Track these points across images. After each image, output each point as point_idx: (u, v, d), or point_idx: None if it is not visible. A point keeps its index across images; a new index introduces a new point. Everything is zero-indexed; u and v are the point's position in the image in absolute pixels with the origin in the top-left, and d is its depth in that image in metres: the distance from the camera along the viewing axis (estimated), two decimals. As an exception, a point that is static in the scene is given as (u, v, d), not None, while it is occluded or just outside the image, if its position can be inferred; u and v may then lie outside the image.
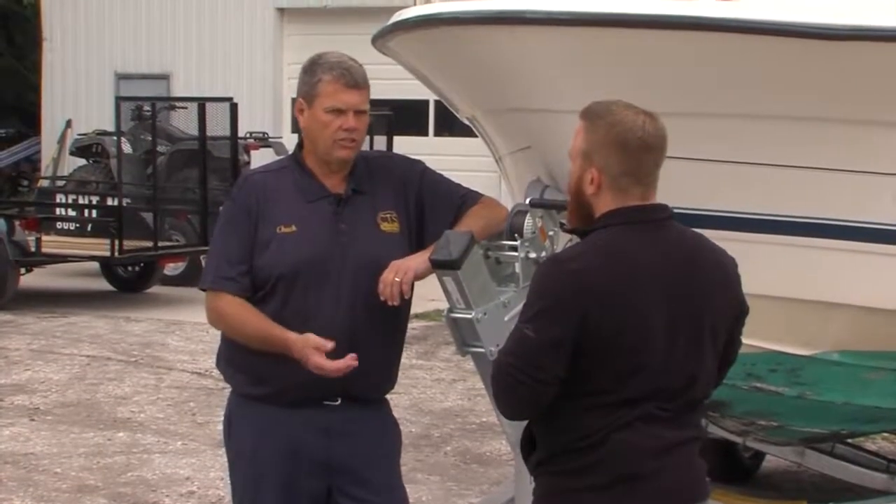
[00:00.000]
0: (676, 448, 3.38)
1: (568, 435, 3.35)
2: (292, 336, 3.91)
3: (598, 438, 3.31)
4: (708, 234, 3.59)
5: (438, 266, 4.02)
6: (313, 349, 3.87)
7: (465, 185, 4.26)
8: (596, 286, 3.28)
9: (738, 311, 3.52)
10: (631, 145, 3.35)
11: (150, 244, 13.97)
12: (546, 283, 3.35)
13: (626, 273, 3.32)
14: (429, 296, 4.23)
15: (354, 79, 4.00)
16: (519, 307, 4.31)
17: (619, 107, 3.41)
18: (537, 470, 3.47)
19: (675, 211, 3.49)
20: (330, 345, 3.86)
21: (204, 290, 4.07)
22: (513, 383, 3.31)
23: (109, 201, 14.67)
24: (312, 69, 4.04)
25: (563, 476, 3.38)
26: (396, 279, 3.90)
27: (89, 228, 14.71)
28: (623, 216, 3.37)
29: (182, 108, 16.00)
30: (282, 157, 4.46)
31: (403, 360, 4.25)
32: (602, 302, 3.28)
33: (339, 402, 4.03)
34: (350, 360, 3.88)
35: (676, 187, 3.68)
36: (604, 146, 3.36)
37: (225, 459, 4.30)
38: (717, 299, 3.43)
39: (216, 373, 4.32)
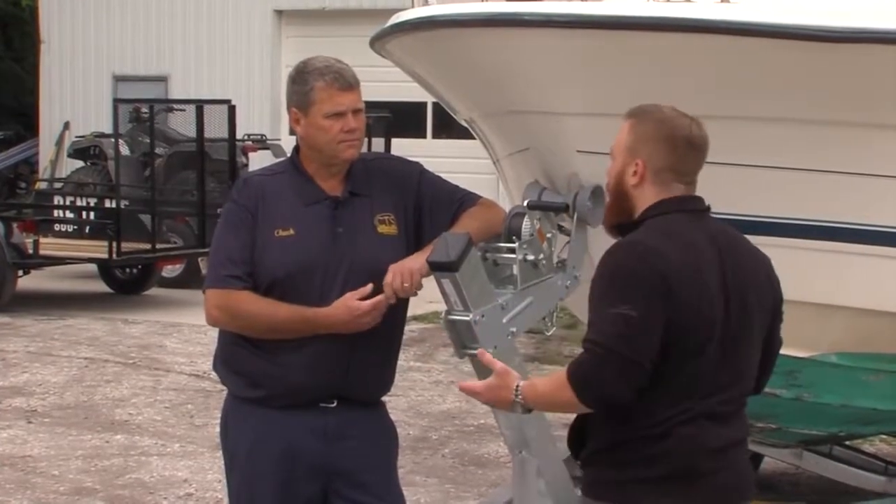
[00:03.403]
0: (733, 447, 3.46)
1: (634, 423, 3.37)
2: (323, 311, 3.91)
3: (663, 430, 3.35)
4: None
5: (436, 268, 4.01)
6: (354, 306, 3.89)
7: (463, 187, 4.26)
8: (673, 264, 3.34)
9: (776, 306, 3.60)
10: (678, 142, 3.47)
11: (147, 246, 13.95)
12: (628, 263, 3.37)
13: (693, 255, 3.39)
14: (427, 298, 4.23)
15: (347, 80, 4.01)
16: (517, 309, 4.32)
17: (666, 108, 3.54)
18: (593, 458, 3.48)
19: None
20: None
21: (204, 291, 4.03)
22: (620, 366, 3.27)
23: (107, 203, 14.63)
24: (302, 77, 4.05)
25: (622, 466, 3.41)
26: (405, 284, 3.91)
27: (87, 230, 14.66)
28: (675, 204, 3.48)
29: (180, 110, 15.98)
30: (279, 159, 4.45)
31: (401, 362, 4.25)
32: (681, 279, 3.33)
33: (335, 404, 4.03)
34: (380, 300, 3.91)
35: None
36: (651, 140, 3.48)
37: (223, 462, 4.30)
38: (760, 292, 3.51)
39: (214, 375, 4.31)
